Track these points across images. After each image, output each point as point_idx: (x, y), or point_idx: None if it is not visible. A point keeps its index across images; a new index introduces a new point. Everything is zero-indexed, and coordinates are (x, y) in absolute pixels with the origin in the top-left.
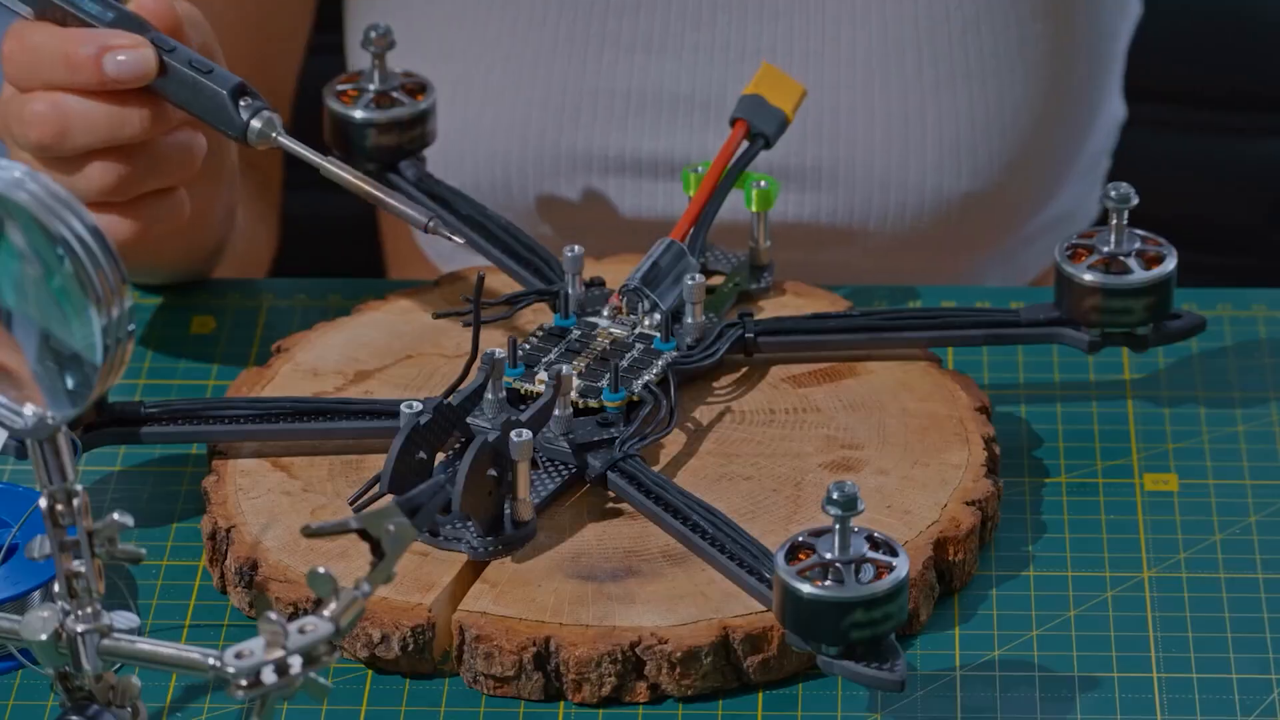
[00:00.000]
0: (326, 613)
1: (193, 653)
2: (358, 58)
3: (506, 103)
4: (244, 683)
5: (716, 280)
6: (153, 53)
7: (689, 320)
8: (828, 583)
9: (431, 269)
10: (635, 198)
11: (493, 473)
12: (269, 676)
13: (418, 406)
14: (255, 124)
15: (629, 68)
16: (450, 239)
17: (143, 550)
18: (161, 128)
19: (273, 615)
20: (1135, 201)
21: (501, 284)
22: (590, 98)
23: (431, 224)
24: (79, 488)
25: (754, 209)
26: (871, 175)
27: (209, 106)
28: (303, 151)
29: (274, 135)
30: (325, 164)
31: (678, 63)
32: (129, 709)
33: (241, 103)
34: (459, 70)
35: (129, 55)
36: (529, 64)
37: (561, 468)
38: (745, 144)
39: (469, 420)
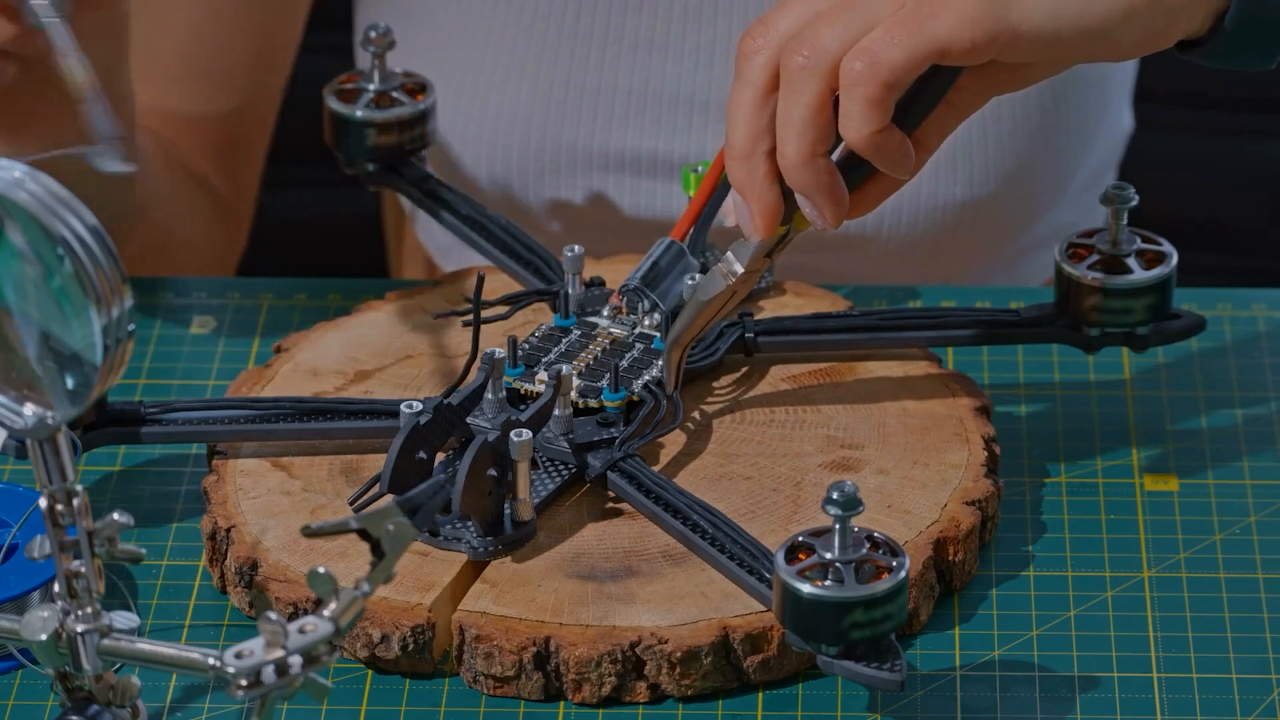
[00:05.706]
0: (326, 613)
1: (193, 653)
2: (364, 57)
3: (508, 97)
4: (244, 683)
5: None
6: None
7: None
8: (828, 583)
9: (432, 268)
10: (635, 197)
11: (493, 473)
12: (269, 676)
13: (418, 406)
14: None
15: (630, 66)
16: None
17: (143, 550)
18: None
19: (273, 615)
20: (1135, 201)
21: (501, 284)
22: (591, 95)
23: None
24: (79, 488)
25: None
26: None
27: None
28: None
29: None
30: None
31: (679, 63)
32: (129, 709)
33: None
34: (461, 65)
35: None
36: (531, 59)
37: (561, 468)
38: None
39: (469, 420)
